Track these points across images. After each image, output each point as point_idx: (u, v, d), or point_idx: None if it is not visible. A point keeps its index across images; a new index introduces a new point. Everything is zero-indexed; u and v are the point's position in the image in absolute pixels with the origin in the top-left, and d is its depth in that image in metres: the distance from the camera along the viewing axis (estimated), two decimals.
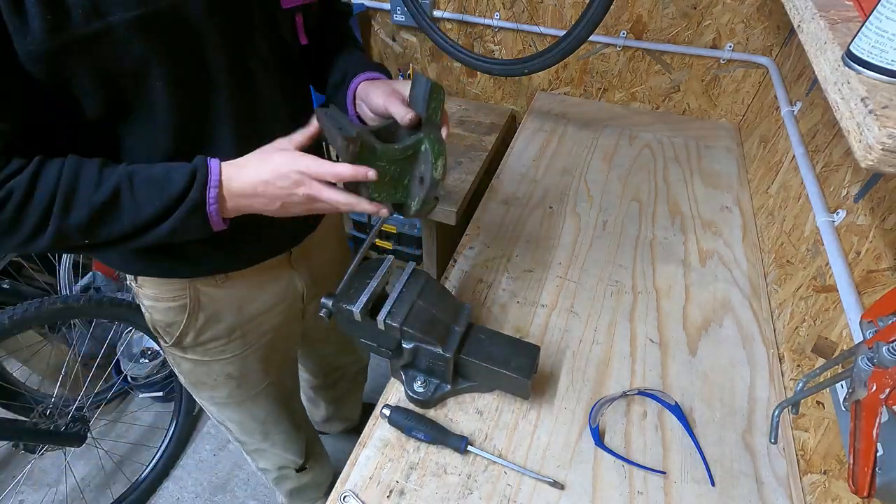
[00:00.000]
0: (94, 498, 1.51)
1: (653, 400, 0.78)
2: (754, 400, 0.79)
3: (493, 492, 0.68)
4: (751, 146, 1.28)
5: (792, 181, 0.97)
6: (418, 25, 1.39)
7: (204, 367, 0.84)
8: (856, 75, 0.41)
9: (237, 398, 0.91)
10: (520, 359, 0.72)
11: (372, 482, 0.69)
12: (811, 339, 0.76)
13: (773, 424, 0.62)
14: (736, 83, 1.35)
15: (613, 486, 0.69)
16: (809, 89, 1.00)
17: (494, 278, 0.98)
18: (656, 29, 1.33)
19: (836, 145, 0.84)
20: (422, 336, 0.70)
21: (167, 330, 0.77)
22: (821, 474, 0.66)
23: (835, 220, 0.77)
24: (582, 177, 1.23)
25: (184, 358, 0.82)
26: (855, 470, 0.48)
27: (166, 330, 0.78)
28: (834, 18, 0.51)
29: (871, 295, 0.64)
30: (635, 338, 0.87)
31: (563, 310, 0.92)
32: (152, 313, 0.76)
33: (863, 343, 0.49)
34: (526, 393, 0.73)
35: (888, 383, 0.45)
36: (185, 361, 0.83)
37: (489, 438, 0.74)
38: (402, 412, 0.74)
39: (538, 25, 1.42)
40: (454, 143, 1.49)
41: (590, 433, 0.74)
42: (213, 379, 0.86)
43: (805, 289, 0.82)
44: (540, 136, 1.37)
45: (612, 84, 1.48)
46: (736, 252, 1.04)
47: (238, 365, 0.85)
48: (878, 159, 0.36)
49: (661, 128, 1.40)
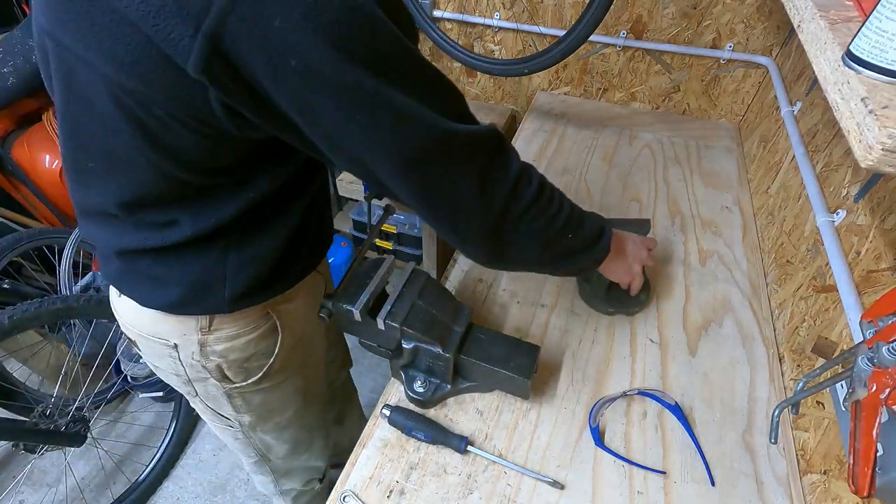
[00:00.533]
0: (94, 498, 1.51)
1: (653, 400, 0.78)
2: (754, 400, 0.79)
3: (493, 492, 0.68)
4: (751, 146, 1.28)
5: (792, 181, 0.97)
6: (418, 25, 1.38)
7: (277, 392, 0.79)
8: (856, 75, 0.41)
9: (300, 411, 0.86)
10: (519, 359, 0.72)
11: (372, 482, 0.69)
12: (811, 339, 0.76)
13: (773, 424, 0.62)
14: (736, 83, 1.35)
15: (613, 486, 0.69)
16: (809, 89, 1.00)
17: (494, 278, 0.98)
18: (656, 29, 1.33)
19: (836, 145, 0.84)
20: (422, 336, 0.70)
21: (243, 367, 0.71)
22: (821, 474, 0.66)
23: (835, 220, 0.77)
24: (582, 177, 1.23)
25: (256, 391, 0.75)
26: (855, 470, 0.48)
27: (242, 367, 0.71)
28: (834, 18, 0.51)
29: (871, 295, 0.64)
30: (635, 338, 0.87)
31: (563, 310, 0.92)
32: (227, 355, 0.69)
33: (863, 343, 0.49)
34: (526, 393, 0.73)
35: (888, 383, 0.45)
36: (256, 395, 0.76)
37: (489, 438, 0.74)
38: (402, 412, 0.74)
39: (538, 25, 1.42)
40: None
41: (590, 433, 0.74)
42: (285, 400, 0.82)
43: (805, 289, 0.82)
44: (540, 136, 1.37)
45: (612, 84, 1.48)
46: (736, 252, 1.03)
47: (304, 373, 0.82)
48: (878, 159, 0.36)
49: (661, 128, 1.40)
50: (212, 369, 0.70)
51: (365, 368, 1.76)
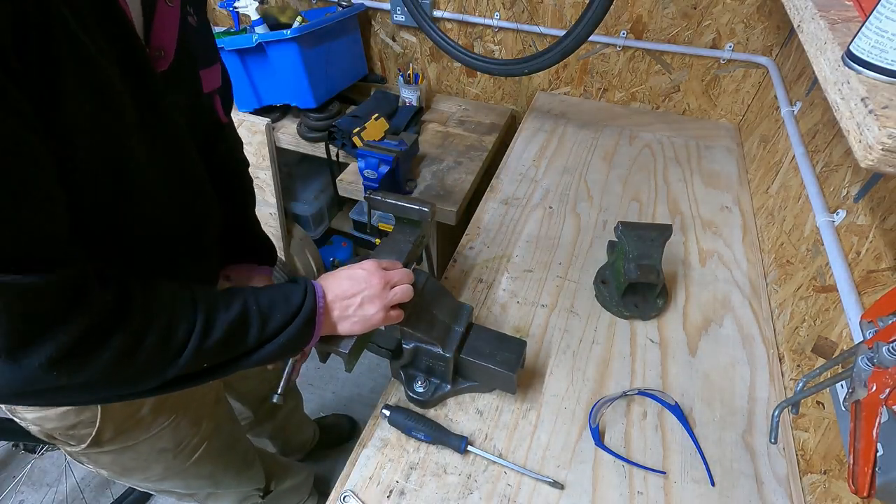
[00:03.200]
0: (94, 498, 1.51)
1: (653, 400, 0.78)
2: (754, 400, 0.79)
3: (493, 492, 0.68)
4: (751, 146, 1.28)
5: (792, 181, 0.97)
6: (418, 25, 1.38)
7: (130, 453, 0.70)
8: (856, 75, 0.41)
9: (175, 469, 0.78)
10: (505, 353, 0.72)
11: (372, 482, 0.69)
12: (811, 339, 0.76)
13: (773, 424, 0.62)
14: (736, 83, 1.35)
15: (613, 486, 0.69)
16: (809, 89, 1.00)
17: (494, 278, 0.98)
18: (656, 29, 1.33)
19: (836, 145, 0.84)
20: (422, 336, 0.70)
21: (70, 434, 0.63)
22: (821, 474, 0.66)
23: (835, 220, 0.77)
24: (582, 177, 1.23)
25: (101, 453, 0.67)
26: (855, 470, 0.48)
27: (68, 434, 0.63)
28: (834, 18, 0.51)
29: (871, 295, 0.64)
30: (635, 338, 0.87)
31: (563, 310, 0.92)
32: (42, 424, 0.61)
33: (863, 343, 0.49)
34: (512, 387, 0.73)
35: (888, 383, 0.45)
36: (103, 456, 0.68)
37: (489, 438, 0.74)
38: (402, 412, 0.74)
39: (538, 25, 1.42)
40: (454, 143, 1.49)
41: (590, 433, 0.74)
42: (144, 460, 0.72)
43: (805, 289, 0.82)
44: (540, 136, 1.37)
45: (612, 84, 1.48)
46: (736, 252, 1.04)
47: (170, 436, 0.72)
48: (878, 159, 0.36)
49: (661, 128, 1.40)
50: (37, 433, 0.63)
51: (365, 368, 1.76)
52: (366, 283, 0.62)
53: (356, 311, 0.62)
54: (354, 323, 0.62)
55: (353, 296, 0.61)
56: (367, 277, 0.62)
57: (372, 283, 0.62)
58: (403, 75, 1.58)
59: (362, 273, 0.63)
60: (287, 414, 1.26)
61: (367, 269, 0.63)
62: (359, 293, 0.62)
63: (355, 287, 0.62)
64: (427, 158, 1.43)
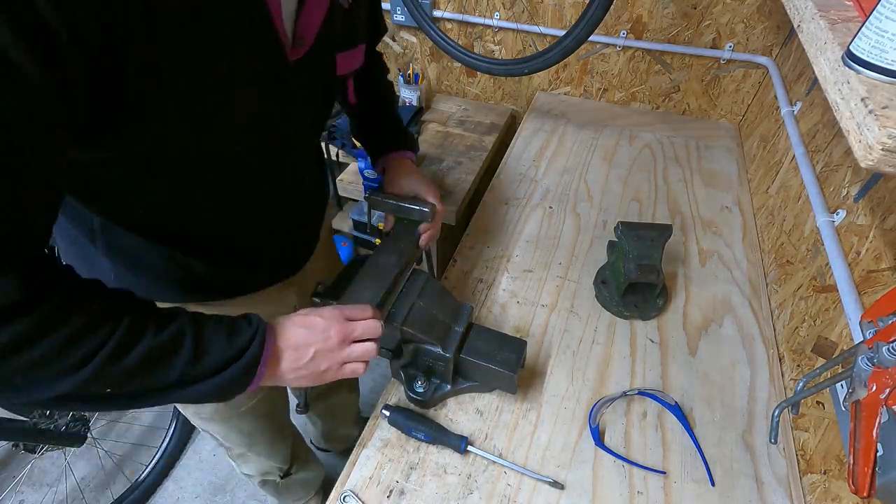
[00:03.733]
0: (94, 498, 1.51)
1: (653, 400, 0.78)
2: (754, 400, 0.79)
3: (493, 492, 0.68)
4: (751, 146, 1.28)
5: (792, 181, 0.97)
6: (418, 25, 1.38)
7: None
8: (856, 75, 0.41)
9: (222, 414, 0.86)
10: (506, 353, 0.72)
11: (372, 482, 0.69)
12: (811, 339, 0.76)
13: (773, 424, 0.62)
14: (736, 83, 1.35)
15: (613, 486, 0.69)
16: (809, 89, 1.00)
17: (494, 278, 0.98)
18: (656, 29, 1.33)
19: (836, 145, 0.84)
20: (422, 336, 0.70)
21: None
22: (821, 474, 0.66)
23: (835, 220, 0.77)
24: (582, 177, 1.23)
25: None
26: (855, 470, 0.48)
27: None
28: (834, 18, 0.51)
29: (871, 295, 0.64)
30: (635, 338, 0.87)
31: (563, 310, 0.92)
32: None
33: (863, 343, 0.49)
34: (513, 387, 0.73)
35: (888, 383, 0.45)
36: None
37: (489, 438, 0.74)
38: (402, 412, 0.74)
39: (538, 25, 1.42)
40: (454, 143, 1.49)
41: (590, 433, 0.74)
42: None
43: (805, 289, 0.82)
44: (540, 136, 1.37)
45: (612, 84, 1.48)
46: (736, 252, 1.04)
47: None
48: (878, 159, 0.36)
49: (661, 128, 1.40)
50: None
51: None
52: (322, 334, 0.56)
53: (307, 364, 0.56)
54: (303, 376, 0.56)
55: (307, 347, 0.55)
56: (324, 328, 0.56)
57: (329, 335, 0.56)
58: (403, 75, 1.58)
59: (321, 323, 0.56)
60: (338, 402, 1.30)
61: (326, 319, 0.57)
62: (312, 345, 0.55)
63: (310, 338, 0.56)
64: (427, 158, 1.43)
